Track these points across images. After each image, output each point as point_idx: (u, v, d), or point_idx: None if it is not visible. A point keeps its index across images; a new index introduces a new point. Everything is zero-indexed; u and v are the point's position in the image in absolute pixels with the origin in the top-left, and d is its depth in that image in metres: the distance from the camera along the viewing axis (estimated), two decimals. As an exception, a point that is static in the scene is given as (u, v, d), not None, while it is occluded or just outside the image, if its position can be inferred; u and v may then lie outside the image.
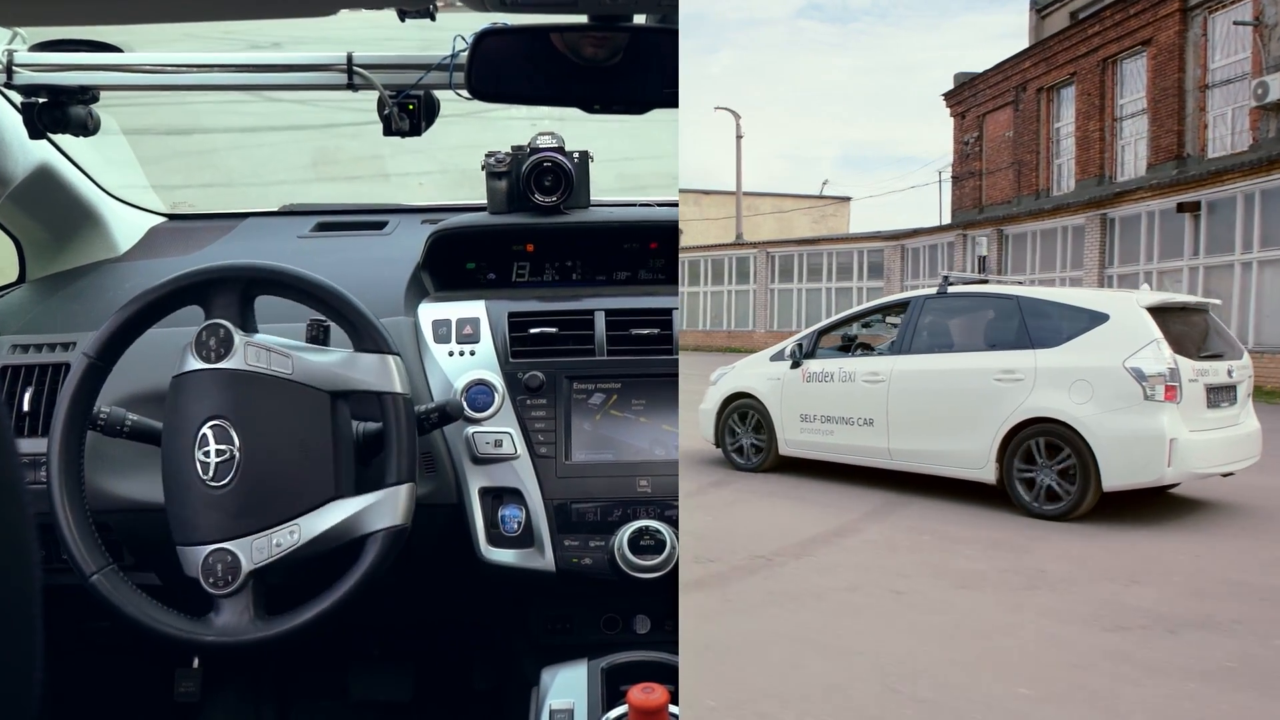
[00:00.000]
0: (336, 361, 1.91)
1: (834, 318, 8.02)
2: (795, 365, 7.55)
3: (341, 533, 1.85)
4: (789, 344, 7.76)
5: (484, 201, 2.52)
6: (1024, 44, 23.13)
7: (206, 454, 1.84)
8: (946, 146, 25.87)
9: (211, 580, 1.82)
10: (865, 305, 7.99)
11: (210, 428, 1.85)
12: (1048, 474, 6.03)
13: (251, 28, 1.82)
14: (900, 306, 7.42)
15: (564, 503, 2.08)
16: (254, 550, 1.83)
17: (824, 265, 26.48)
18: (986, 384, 6.34)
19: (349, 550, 1.86)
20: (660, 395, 2.20)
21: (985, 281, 7.75)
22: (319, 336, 1.99)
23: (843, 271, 26.05)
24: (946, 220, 24.62)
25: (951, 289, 7.06)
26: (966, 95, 24.20)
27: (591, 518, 2.07)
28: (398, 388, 1.90)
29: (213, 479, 1.83)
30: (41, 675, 0.70)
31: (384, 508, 1.86)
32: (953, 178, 25.04)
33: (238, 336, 1.89)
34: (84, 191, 2.59)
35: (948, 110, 25.09)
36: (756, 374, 7.90)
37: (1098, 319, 6.11)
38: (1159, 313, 6.05)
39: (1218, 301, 7.10)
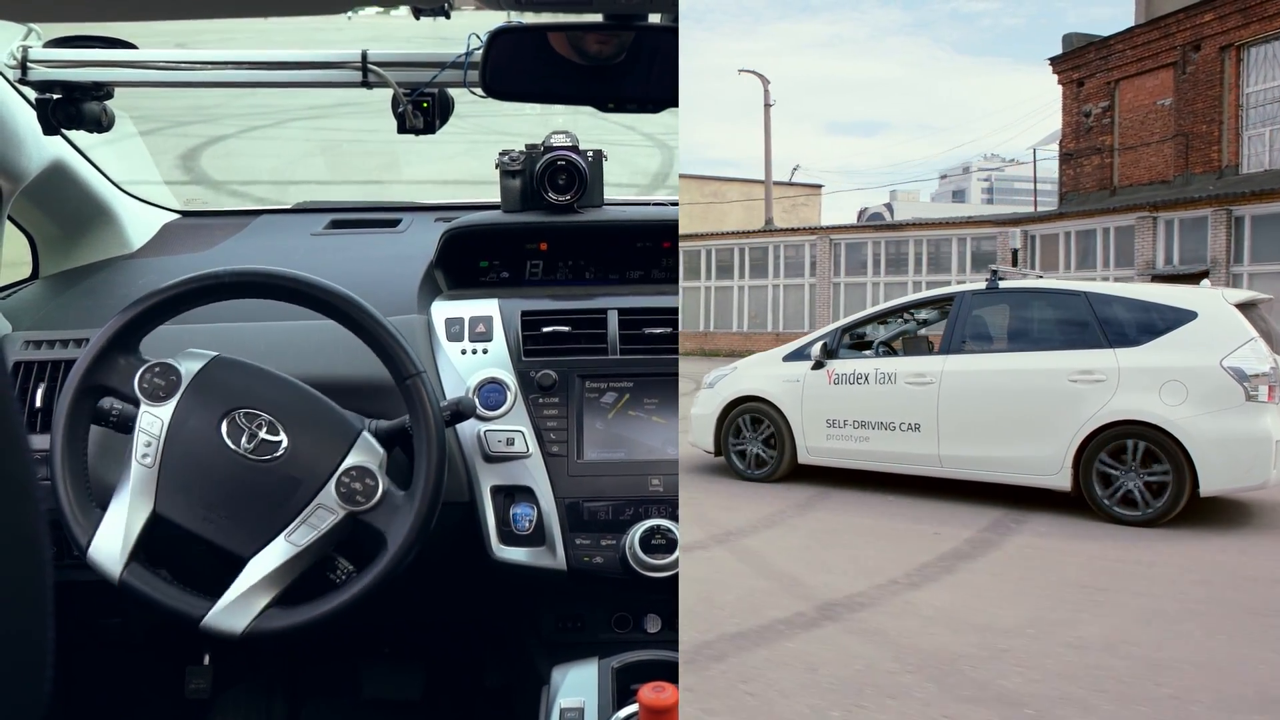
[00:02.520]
0: None
1: (858, 314, 7.45)
2: (818, 366, 6.95)
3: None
4: (809, 343, 7.17)
5: (497, 200, 2.52)
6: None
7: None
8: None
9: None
10: (896, 301, 7.41)
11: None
12: (1131, 479, 5.72)
13: (266, 24, 1.82)
14: (941, 303, 7.04)
15: (575, 501, 2.08)
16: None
17: (910, 255, 22.49)
18: (1060, 385, 5.96)
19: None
20: (673, 394, 2.19)
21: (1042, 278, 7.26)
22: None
23: (936, 263, 22.15)
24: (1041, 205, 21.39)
25: (1002, 284, 6.66)
26: (1092, 58, 20.52)
27: (603, 516, 2.07)
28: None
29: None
30: (53, 672, 0.70)
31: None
32: (1064, 155, 21.37)
33: None
34: (97, 188, 2.59)
35: (1055, 77, 21.59)
36: (767, 376, 7.27)
37: (1184, 316, 5.82)
38: (1243, 309, 5.83)
39: (1269, 297, 6.71)
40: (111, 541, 1.84)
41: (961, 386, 6.35)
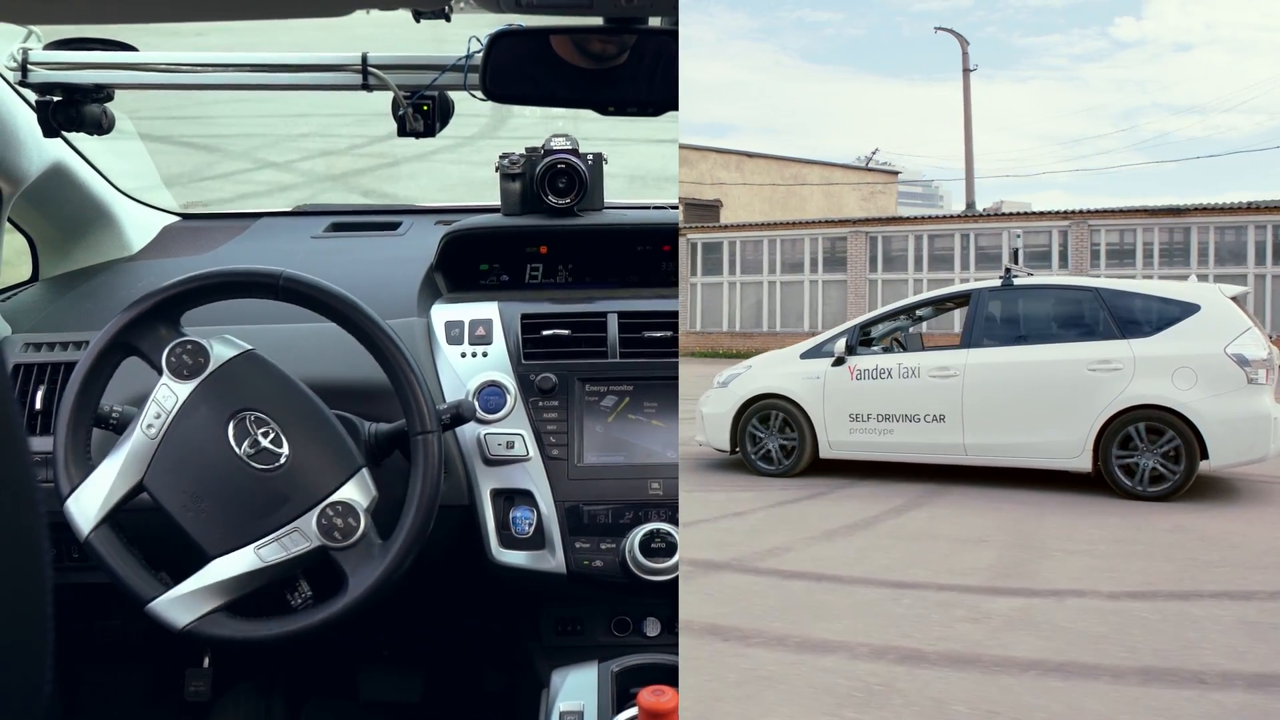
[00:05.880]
0: None
1: (878, 311, 7.77)
2: (839, 363, 7.15)
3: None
4: (828, 340, 7.40)
5: (497, 203, 2.52)
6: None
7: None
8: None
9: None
10: (912, 299, 7.91)
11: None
12: (1151, 458, 6.22)
13: (267, 27, 1.83)
14: (958, 299, 7.61)
15: (575, 505, 2.08)
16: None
17: (1193, 243, 18.98)
18: (1079, 374, 6.42)
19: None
20: (673, 398, 2.19)
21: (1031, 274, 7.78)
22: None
23: (1232, 253, 18.79)
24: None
25: (1017, 281, 7.08)
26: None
27: (603, 520, 2.07)
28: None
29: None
30: (52, 674, 0.70)
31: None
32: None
33: None
34: (97, 190, 2.59)
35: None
36: (785, 374, 7.41)
37: (1188, 309, 6.37)
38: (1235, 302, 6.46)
39: (1248, 290, 7.36)
40: (92, 498, 1.83)
41: (984, 378, 6.72)
